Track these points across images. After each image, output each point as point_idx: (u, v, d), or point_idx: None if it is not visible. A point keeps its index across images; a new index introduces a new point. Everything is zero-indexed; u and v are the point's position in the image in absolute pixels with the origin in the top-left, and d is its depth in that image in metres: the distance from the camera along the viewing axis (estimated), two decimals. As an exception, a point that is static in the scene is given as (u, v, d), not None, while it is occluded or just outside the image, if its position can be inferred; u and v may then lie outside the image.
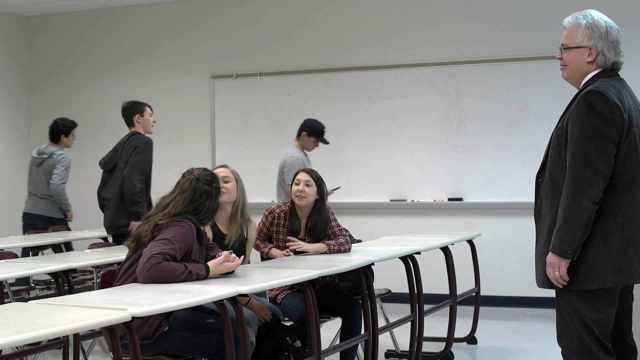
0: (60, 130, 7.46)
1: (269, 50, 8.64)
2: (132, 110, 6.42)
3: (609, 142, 3.04)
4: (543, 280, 3.18)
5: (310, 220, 4.84)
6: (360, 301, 4.66)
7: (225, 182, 4.46)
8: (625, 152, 3.08)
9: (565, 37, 3.25)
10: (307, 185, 4.80)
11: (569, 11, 3.43)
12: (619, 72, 3.27)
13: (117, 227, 6.26)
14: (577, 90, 3.24)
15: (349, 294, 4.94)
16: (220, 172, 4.48)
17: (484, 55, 7.84)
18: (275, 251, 4.78)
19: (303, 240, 4.83)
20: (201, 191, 3.90)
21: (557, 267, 3.08)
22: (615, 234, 3.06)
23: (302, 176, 4.84)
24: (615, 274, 3.05)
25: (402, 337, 5.59)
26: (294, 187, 4.82)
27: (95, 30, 9.38)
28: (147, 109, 6.45)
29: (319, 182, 4.86)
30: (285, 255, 4.74)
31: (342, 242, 4.85)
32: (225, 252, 3.87)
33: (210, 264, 3.78)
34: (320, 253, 4.77)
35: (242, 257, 3.97)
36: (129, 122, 6.43)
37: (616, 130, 3.04)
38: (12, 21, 9.49)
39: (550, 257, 3.10)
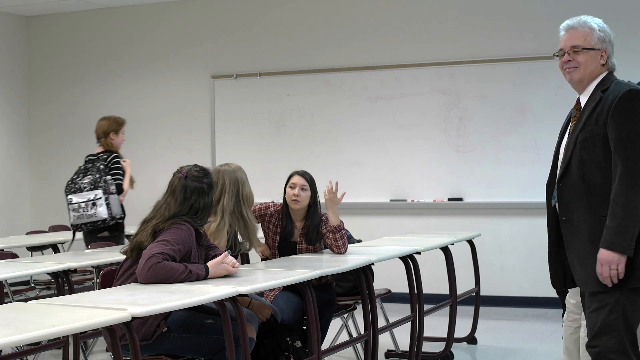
0: None
1: (269, 50, 8.63)
2: None
3: None
4: (593, 282, 3.11)
5: (305, 224, 4.83)
6: (361, 302, 4.66)
7: (303, 190, 4.73)
8: None
9: (579, 39, 3.23)
10: (303, 190, 4.77)
11: (568, 11, 3.43)
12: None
13: None
14: (577, 93, 3.24)
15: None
16: (299, 181, 4.76)
17: (484, 55, 7.83)
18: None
19: (297, 243, 4.82)
20: (192, 189, 3.86)
21: (616, 264, 3.03)
22: None
23: (298, 180, 4.79)
24: None
25: (402, 337, 5.59)
26: (290, 191, 4.77)
27: (95, 30, 9.38)
28: None
29: (313, 185, 4.83)
30: (261, 253, 4.87)
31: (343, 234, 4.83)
32: (224, 253, 3.86)
33: (209, 264, 3.78)
34: (334, 225, 4.73)
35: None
36: None
37: None
38: (12, 21, 9.49)
39: (608, 255, 3.04)
